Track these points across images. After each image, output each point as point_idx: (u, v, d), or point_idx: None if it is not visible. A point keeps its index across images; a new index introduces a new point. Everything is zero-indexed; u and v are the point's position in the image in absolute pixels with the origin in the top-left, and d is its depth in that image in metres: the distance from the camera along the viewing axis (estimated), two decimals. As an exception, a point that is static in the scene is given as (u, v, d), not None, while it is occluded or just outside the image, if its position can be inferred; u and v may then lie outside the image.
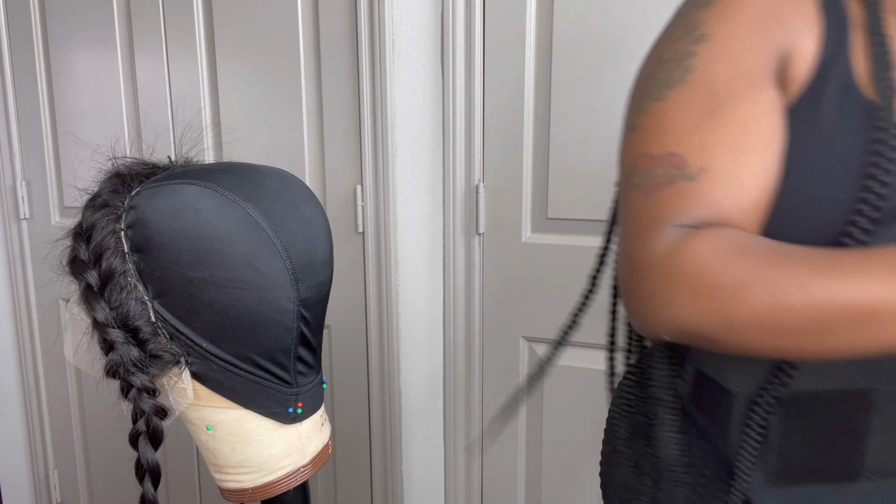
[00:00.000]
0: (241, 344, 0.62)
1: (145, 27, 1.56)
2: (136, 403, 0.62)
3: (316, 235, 0.64)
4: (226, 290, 0.60)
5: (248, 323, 0.61)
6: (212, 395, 0.64)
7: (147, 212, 0.60)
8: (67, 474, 1.91)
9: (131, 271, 0.61)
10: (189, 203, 0.59)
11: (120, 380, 0.62)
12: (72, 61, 1.66)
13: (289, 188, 0.65)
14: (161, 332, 0.62)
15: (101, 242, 0.61)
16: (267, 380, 0.64)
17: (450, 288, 1.39)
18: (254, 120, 1.50)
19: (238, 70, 1.50)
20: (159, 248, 0.59)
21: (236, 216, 0.60)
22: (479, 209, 1.34)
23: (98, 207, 0.62)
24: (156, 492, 0.63)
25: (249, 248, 0.60)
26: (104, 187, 0.63)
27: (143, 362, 0.61)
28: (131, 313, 0.61)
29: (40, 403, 1.88)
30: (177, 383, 0.63)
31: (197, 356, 0.62)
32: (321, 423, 0.71)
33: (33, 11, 1.66)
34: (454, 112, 1.32)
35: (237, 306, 0.60)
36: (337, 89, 1.41)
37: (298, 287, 0.62)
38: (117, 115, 1.63)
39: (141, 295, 0.61)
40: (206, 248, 0.59)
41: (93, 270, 0.61)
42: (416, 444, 1.49)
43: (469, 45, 1.29)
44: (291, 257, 0.61)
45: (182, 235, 0.59)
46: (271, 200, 0.62)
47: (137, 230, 0.60)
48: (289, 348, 0.64)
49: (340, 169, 1.44)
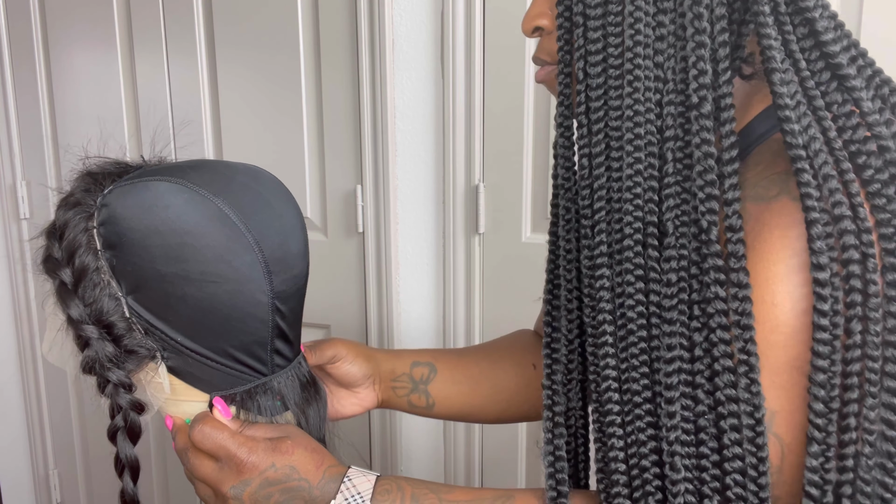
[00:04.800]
0: (217, 337, 0.62)
1: (145, 27, 1.56)
2: (113, 399, 0.62)
3: (288, 229, 0.64)
4: (199, 284, 0.60)
5: (222, 316, 0.61)
6: (189, 390, 0.64)
7: (118, 209, 0.60)
8: (67, 474, 1.91)
9: (104, 268, 0.61)
10: (159, 199, 0.60)
11: (96, 375, 0.62)
12: (72, 61, 1.66)
13: (260, 183, 0.65)
14: (136, 328, 0.62)
15: (74, 240, 0.61)
16: (244, 373, 0.64)
17: (450, 288, 1.39)
18: (254, 120, 1.50)
19: (238, 70, 1.50)
20: (131, 244, 0.60)
21: (207, 211, 0.60)
22: (479, 209, 1.34)
23: (70, 206, 0.63)
24: (135, 486, 0.64)
25: (221, 242, 0.60)
26: (76, 186, 0.64)
27: (119, 358, 0.61)
28: (105, 309, 0.61)
29: (40, 403, 1.88)
30: (153, 378, 0.63)
31: (173, 351, 0.62)
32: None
33: (33, 11, 1.66)
34: (454, 112, 1.32)
35: (211, 300, 0.61)
36: (337, 89, 1.41)
37: (272, 280, 0.62)
38: (117, 115, 1.63)
39: (114, 291, 0.61)
40: (178, 242, 0.59)
41: (66, 268, 0.61)
42: (415, 443, 1.49)
43: (469, 45, 1.29)
44: (264, 250, 0.61)
45: (153, 231, 0.59)
46: (242, 195, 0.62)
47: (109, 227, 0.61)
48: (265, 341, 0.64)
49: (340, 169, 1.44)
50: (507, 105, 1.30)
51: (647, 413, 0.52)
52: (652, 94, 0.52)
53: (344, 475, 0.63)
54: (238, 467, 0.61)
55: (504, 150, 1.32)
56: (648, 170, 0.52)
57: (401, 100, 1.36)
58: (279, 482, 0.61)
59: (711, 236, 0.50)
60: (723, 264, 0.49)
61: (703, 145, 0.50)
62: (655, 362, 0.52)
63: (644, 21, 0.52)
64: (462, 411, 0.84)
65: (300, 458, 0.62)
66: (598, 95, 0.55)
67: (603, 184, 0.55)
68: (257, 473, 0.61)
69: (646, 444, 0.52)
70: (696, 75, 0.51)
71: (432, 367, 0.81)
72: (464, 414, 0.84)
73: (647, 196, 0.52)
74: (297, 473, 0.62)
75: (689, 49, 0.51)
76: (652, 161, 0.52)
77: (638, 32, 0.52)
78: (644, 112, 0.52)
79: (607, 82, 0.54)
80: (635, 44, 0.52)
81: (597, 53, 0.55)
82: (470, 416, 0.85)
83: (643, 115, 0.52)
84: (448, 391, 0.81)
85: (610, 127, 0.54)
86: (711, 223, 0.50)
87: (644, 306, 0.52)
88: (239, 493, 0.61)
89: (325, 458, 0.64)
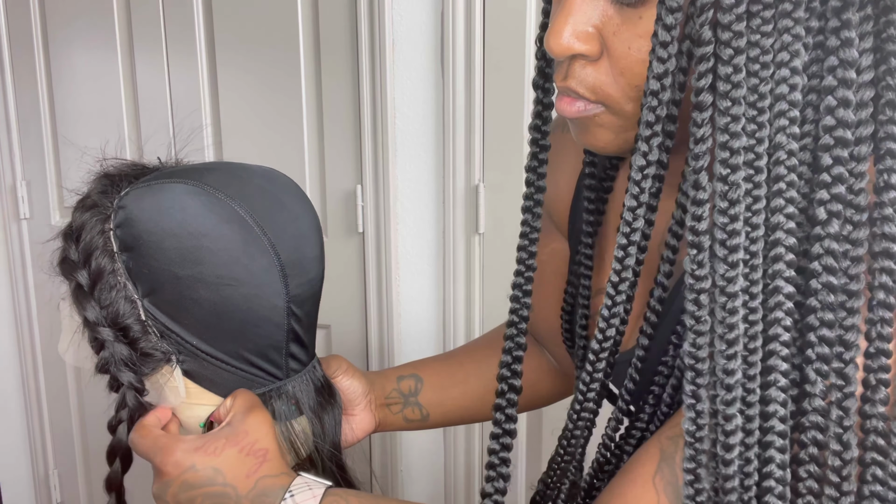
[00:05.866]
0: (232, 341, 0.62)
1: (145, 27, 1.56)
2: (123, 398, 0.62)
3: (305, 232, 0.64)
4: (214, 286, 0.60)
5: (238, 319, 0.61)
6: (204, 393, 0.64)
7: (135, 211, 0.60)
8: (67, 474, 1.91)
9: (120, 270, 0.61)
10: (176, 201, 0.60)
11: (110, 376, 0.62)
12: (72, 61, 1.66)
13: (277, 185, 0.65)
14: (151, 331, 0.62)
15: (91, 242, 0.61)
16: (259, 376, 0.64)
17: (450, 288, 1.39)
18: (254, 120, 1.50)
19: (238, 70, 1.50)
20: (147, 246, 0.60)
21: (223, 213, 0.60)
22: (479, 209, 1.34)
23: (87, 208, 0.63)
24: (123, 476, 0.64)
25: (237, 244, 0.60)
26: (93, 188, 0.64)
27: (134, 360, 0.61)
28: (121, 312, 0.61)
29: (40, 403, 1.88)
30: (169, 381, 0.63)
31: (188, 354, 0.62)
32: None
33: (33, 11, 1.66)
34: (454, 112, 1.32)
35: (226, 303, 0.60)
36: (337, 89, 1.41)
37: (288, 283, 0.62)
38: (117, 114, 1.63)
39: (130, 293, 0.61)
40: (194, 245, 0.59)
41: (83, 270, 0.61)
42: (415, 443, 1.49)
43: (469, 45, 1.29)
44: (280, 253, 0.61)
45: (169, 233, 0.59)
46: (259, 197, 0.62)
47: (126, 229, 0.60)
48: (280, 345, 0.64)
49: (340, 169, 1.44)
50: (507, 105, 1.30)
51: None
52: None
53: (287, 489, 0.57)
54: (157, 469, 0.58)
55: (504, 150, 1.32)
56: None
57: (401, 100, 1.36)
58: (199, 485, 0.57)
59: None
60: None
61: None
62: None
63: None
64: (458, 415, 0.83)
65: (228, 460, 0.57)
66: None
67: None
68: (176, 475, 0.57)
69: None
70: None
71: (417, 378, 0.80)
72: (460, 417, 0.84)
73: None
74: (223, 477, 0.57)
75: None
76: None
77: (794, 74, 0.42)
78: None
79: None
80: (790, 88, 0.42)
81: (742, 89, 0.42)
82: (467, 418, 0.85)
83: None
84: (439, 398, 0.80)
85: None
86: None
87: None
88: (162, 494, 0.58)
89: (263, 465, 0.58)
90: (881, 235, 0.42)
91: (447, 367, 0.82)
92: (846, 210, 0.42)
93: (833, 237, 0.43)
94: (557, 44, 0.47)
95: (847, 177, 0.42)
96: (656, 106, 0.45)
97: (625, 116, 0.50)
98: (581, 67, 0.48)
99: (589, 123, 0.51)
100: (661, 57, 0.44)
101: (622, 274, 0.52)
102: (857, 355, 0.43)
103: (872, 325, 0.43)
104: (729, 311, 0.43)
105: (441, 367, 0.83)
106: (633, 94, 0.48)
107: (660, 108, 0.45)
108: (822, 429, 0.43)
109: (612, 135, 0.51)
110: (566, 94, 0.50)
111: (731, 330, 0.44)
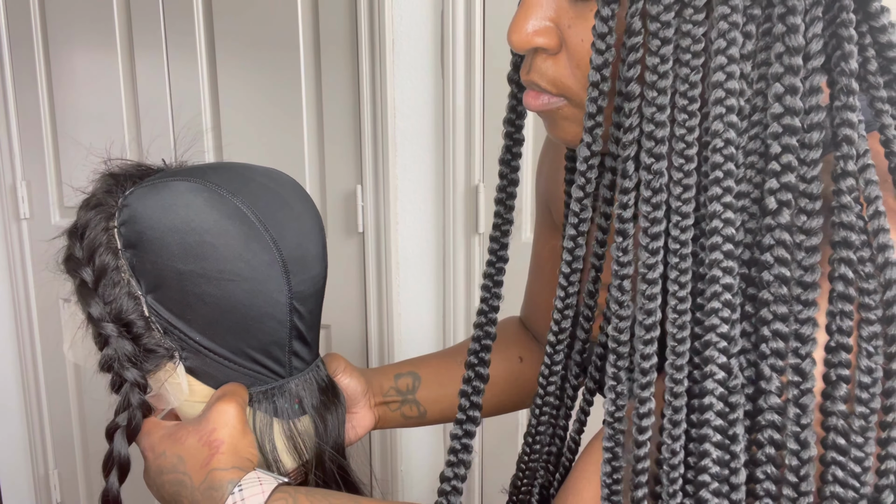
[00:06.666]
0: (235, 337, 0.63)
1: (145, 27, 1.56)
2: (125, 398, 0.62)
3: (307, 230, 0.65)
4: (217, 282, 0.60)
5: (240, 315, 0.62)
6: (206, 390, 0.64)
7: (139, 209, 0.61)
8: (67, 474, 1.91)
9: (124, 267, 0.62)
10: (179, 198, 0.60)
11: (113, 374, 0.62)
12: (72, 61, 1.66)
13: (279, 184, 0.65)
14: (155, 327, 0.62)
15: (95, 239, 0.62)
16: (261, 374, 0.64)
17: (450, 288, 1.39)
18: (254, 120, 1.50)
19: (238, 70, 1.50)
20: (150, 242, 0.60)
21: (226, 209, 0.60)
22: (479, 209, 1.34)
23: (92, 207, 0.63)
24: (120, 487, 0.63)
25: (239, 240, 0.60)
26: (98, 188, 0.65)
27: (137, 357, 0.61)
28: (125, 308, 0.61)
29: (40, 403, 1.88)
30: (172, 378, 0.63)
31: (191, 350, 0.63)
32: None
33: (33, 11, 1.66)
34: (454, 112, 1.32)
35: (229, 299, 0.61)
36: (337, 89, 1.41)
37: (290, 280, 0.62)
38: (117, 115, 1.63)
39: (134, 290, 0.62)
40: (196, 240, 0.60)
41: (87, 267, 0.62)
42: (415, 444, 1.49)
43: (469, 45, 1.29)
44: (282, 250, 0.62)
45: (172, 229, 0.60)
46: (261, 195, 0.63)
47: (129, 227, 0.61)
48: (283, 342, 0.64)
49: (340, 169, 1.44)
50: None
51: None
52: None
53: (237, 483, 0.56)
54: (140, 450, 0.61)
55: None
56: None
57: (401, 100, 1.36)
58: (166, 472, 0.58)
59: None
60: None
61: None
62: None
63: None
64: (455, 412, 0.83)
65: (189, 448, 0.58)
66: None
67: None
68: (151, 459, 0.60)
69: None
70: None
71: (415, 376, 0.80)
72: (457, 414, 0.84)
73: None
74: (183, 465, 0.57)
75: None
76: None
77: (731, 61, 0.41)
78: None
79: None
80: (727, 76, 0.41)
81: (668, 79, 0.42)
82: None
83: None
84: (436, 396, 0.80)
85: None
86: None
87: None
88: (145, 476, 0.61)
89: (215, 457, 0.57)
90: (839, 224, 0.41)
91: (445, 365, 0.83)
92: (799, 199, 0.41)
93: (784, 227, 0.41)
94: (518, 38, 0.48)
95: (797, 165, 0.41)
96: (597, 97, 0.45)
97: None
98: (542, 61, 0.49)
99: (555, 117, 0.51)
100: (600, 48, 0.44)
101: (573, 265, 0.52)
102: (814, 350, 0.41)
103: (833, 317, 0.41)
104: (648, 298, 0.43)
105: (439, 364, 0.83)
106: None
107: (601, 98, 0.45)
108: (778, 427, 0.42)
109: (578, 127, 0.51)
110: (531, 87, 0.51)
111: (650, 315, 0.44)
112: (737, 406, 0.42)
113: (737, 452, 0.42)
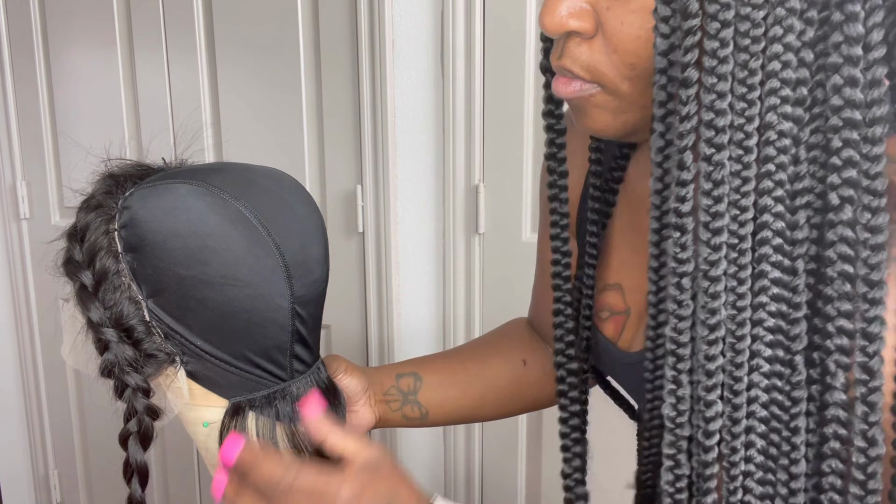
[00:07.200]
0: (237, 342, 0.62)
1: (145, 27, 1.56)
2: (130, 403, 0.62)
3: (310, 233, 0.64)
4: (219, 287, 0.60)
5: (242, 320, 0.61)
6: (208, 395, 0.64)
7: (140, 211, 0.60)
8: (67, 474, 1.91)
9: (125, 271, 0.61)
10: (181, 201, 0.59)
11: (115, 379, 0.62)
12: (71, 61, 1.66)
13: (282, 186, 0.65)
14: (156, 332, 0.61)
15: (95, 243, 0.61)
16: (263, 378, 0.64)
17: (450, 288, 1.39)
18: (254, 120, 1.50)
19: (238, 70, 1.50)
20: (152, 246, 0.60)
21: (228, 213, 0.60)
22: (479, 209, 1.34)
23: (92, 209, 0.62)
24: (143, 492, 0.63)
25: (241, 245, 0.60)
26: (98, 189, 0.63)
27: (138, 362, 0.61)
28: (125, 313, 0.61)
29: (40, 403, 1.88)
30: (173, 383, 0.63)
31: (192, 355, 0.62)
32: None
33: (33, 11, 1.66)
34: (454, 112, 1.32)
35: (231, 304, 0.60)
36: (337, 89, 1.41)
37: (293, 284, 0.62)
38: (117, 114, 1.63)
39: (135, 294, 0.61)
40: (199, 245, 0.59)
41: (87, 271, 0.61)
42: (416, 443, 1.49)
43: (469, 45, 1.29)
44: (285, 254, 0.61)
45: (174, 234, 0.59)
46: (264, 198, 0.62)
47: (130, 230, 0.60)
48: (284, 346, 0.64)
49: (340, 169, 1.44)
50: (507, 105, 1.30)
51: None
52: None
53: None
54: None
55: (504, 150, 1.32)
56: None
57: (401, 100, 1.36)
58: None
59: None
60: None
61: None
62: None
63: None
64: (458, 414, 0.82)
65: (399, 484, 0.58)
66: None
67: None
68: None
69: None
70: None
71: (417, 377, 0.79)
72: (460, 417, 0.83)
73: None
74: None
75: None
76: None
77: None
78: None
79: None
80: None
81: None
82: (466, 418, 0.85)
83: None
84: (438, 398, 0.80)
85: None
86: None
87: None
88: None
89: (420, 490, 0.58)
90: None
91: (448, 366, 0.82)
92: (862, 196, 0.39)
93: (847, 224, 0.40)
94: (551, 21, 0.46)
95: (858, 160, 0.39)
96: (666, 84, 0.43)
97: (621, 96, 0.48)
98: (576, 45, 0.47)
99: (586, 105, 0.50)
100: (664, 32, 0.42)
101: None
102: (882, 348, 0.40)
103: None
104: (711, 296, 0.42)
105: (442, 365, 0.82)
106: (627, 72, 0.47)
107: (670, 85, 0.43)
108: (844, 423, 0.41)
109: (611, 116, 0.49)
110: (562, 73, 0.49)
111: (714, 315, 0.42)
112: (799, 400, 0.42)
113: (797, 444, 0.42)
